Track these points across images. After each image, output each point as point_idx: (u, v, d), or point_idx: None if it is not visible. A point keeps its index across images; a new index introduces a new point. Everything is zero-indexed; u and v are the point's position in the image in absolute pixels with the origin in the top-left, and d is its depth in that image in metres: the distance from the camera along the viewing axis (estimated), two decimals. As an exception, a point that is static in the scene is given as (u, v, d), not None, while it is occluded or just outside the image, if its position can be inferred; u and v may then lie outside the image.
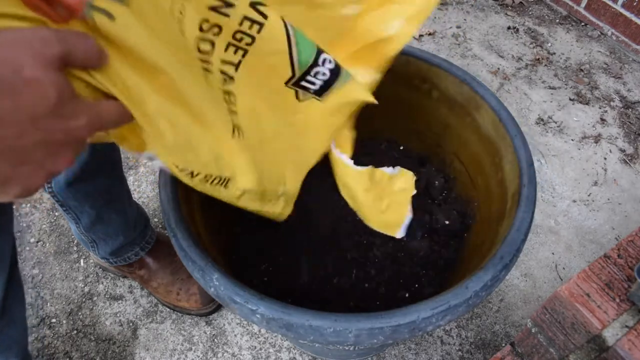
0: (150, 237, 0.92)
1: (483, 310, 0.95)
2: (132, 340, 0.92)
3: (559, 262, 1.02)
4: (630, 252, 0.52)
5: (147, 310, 0.95)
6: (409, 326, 0.44)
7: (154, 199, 1.11)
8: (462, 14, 1.59)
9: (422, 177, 0.77)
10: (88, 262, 1.02)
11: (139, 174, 1.15)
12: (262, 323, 0.45)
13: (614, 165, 1.19)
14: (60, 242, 1.05)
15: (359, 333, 0.43)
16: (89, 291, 0.98)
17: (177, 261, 0.93)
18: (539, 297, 0.97)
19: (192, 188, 0.47)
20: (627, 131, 1.26)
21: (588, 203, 1.12)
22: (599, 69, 1.41)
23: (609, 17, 1.47)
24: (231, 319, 0.94)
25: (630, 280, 0.50)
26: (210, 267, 0.48)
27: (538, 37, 1.50)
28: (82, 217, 0.80)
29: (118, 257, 0.90)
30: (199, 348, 0.90)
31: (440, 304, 0.44)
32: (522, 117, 1.28)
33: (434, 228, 0.72)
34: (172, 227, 0.51)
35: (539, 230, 1.07)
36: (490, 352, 0.90)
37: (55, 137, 0.32)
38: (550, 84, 1.37)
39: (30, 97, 0.30)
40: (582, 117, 1.29)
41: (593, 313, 0.48)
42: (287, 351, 0.90)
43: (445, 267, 0.69)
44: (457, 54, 1.45)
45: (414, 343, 0.91)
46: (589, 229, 1.07)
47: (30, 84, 0.30)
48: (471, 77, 0.64)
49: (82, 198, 0.78)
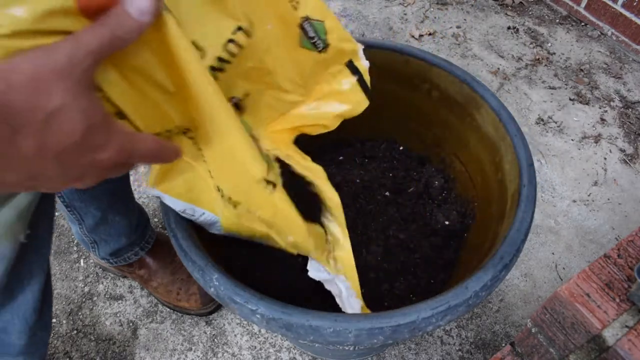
0: (150, 237, 0.92)
1: (483, 310, 0.95)
2: (132, 340, 0.92)
3: (559, 262, 1.02)
4: (630, 252, 0.52)
5: (147, 310, 0.95)
6: (409, 326, 0.44)
7: (154, 199, 1.11)
8: (462, 14, 1.59)
9: (422, 177, 0.78)
10: (88, 262, 1.02)
11: (139, 174, 1.15)
12: (262, 323, 0.45)
13: (614, 165, 1.19)
14: (60, 242, 1.05)
15: (359, 333, 0.43)
16: (89, 291, 0.98)
17: (177, 261, 0.93)
18: (539, 297, 0.97)
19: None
20: (627, 131, 1.26)
21: (588, 203, 1.12)
22: (599, 69, 1.41)
23: (609, 17, 1.47)
24: (231, 319, 0.94)
25: (630, 280, 0.50)
26: (210, 267, 0.48)
27: (538, 37, 1.50)
28: (86, 218, 0.80)
29: (118, 257, 0.90)
30: (199, 348, 0.90)
31: (440, 304, 0.44)
32: (522, 117, 1.28)
33: (434, 228, 0.72)
34: (172, 227, 0.51)
35: (539, 230, 1.07)
36: (490, 352, 0.90)
37: (76, 170, 0.30)
38: (550, 84, 1.37)
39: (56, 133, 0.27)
40: (582, 117, 1.29)
41: (593, 313, 0.48)
42: (287, 351, 0.90)
43: (445, 267, 0.69)
44: (457, 54, 1.45)
45: (414, 343, 0.91)
46: (589, 229, 1.07)
47: (56, 117, 0.27)
48: (471, 77, 0.64)
49: (89, 199, 0.77)
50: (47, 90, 0.27)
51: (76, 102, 0.28)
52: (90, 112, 0.29)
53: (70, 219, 0.81)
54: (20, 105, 0.26)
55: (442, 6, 1.61)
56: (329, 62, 0.54)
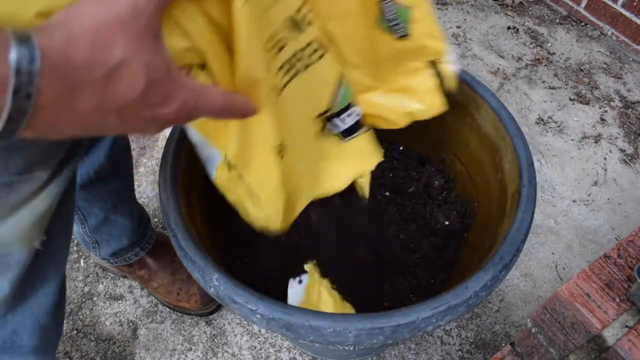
0: (150, 237, 0.92)
1: (483, 310, 0.95)
2: (132, 340, 0.92)
3: (559, 262, 1.02)
4: (630, 252, 0.52)
5: (147, 310, 0.95)
6: (409, 326, 0.44)
7: (154, 199, 1.11)
8: (462, 14, 1.59)
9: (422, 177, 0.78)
10: (88, 262, 1.02)
11: (139, 174, 1.15)
12: (262, 323, 0.45)
13: (614, 165, 1.19)
14: (60, 242, 1.05)
15: (358, 333, 0.43)
16: (89, 291, 0.98)
17: (177, 261, 0.93)
18: (539, 297, 0.97)
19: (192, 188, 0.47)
20: (627, 131, 1.26)
21: (588, 203, 1.12)
22: (599, 69, 1.41)
23: (609, 17, 1.47)
24: (231, 319, 0.94)
25: (630, 280, 0.50)
26: (210, 267, 0.48)
27: (538, 37, 1.50)
28: (89, 219, 0.80)
29: (119, 258, 0.90)
30: (199, 348, 0.90)
31: (440, 304, 0.44)
32: (522, 117, 1.28)
33: (434, 228, 0.72)
34: (172, 227, 0.51)
35: (539, 230, 1.07)
36: (490, 352, 0.90)
37: (137, 123, 0.28)
38: (550, 84, 1.37)
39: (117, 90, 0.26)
40: (582, 117, 1.29)
41: (593, 313, 0.48)
42: (287, 351, 0.90)
43: (445, 267, 0.69)
44: (457, 54, 1.45)
45: (414, 343, 0.91)
46: (589, 229, 1.07)
47: (117, 73, 0.25)
48: (471, 77, 0.64)
49: (93, 200, 0.77)
50: (109, 43, 0.25)
51: (139, 55, 0.26)
52: (153, 66, 0.27)
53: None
54: (80, 60, 0.24)
55: (442, 6, 1.61)
56: (409, 55, 0.50)
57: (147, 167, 1.17)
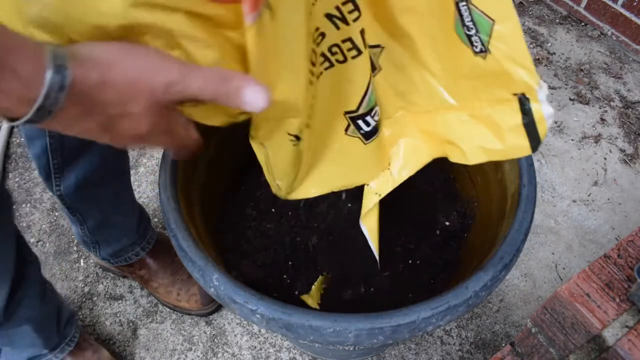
0: (150, 238, 0.92)
1: (483, 310, 0.95)
2: (132, 340, 0.92)
3: (559, 262, 1.02)
4: (630, 252, 0.52)
5: (147, 310, 0.95)
6: (409, 326, 0.44)
7: (154, 199, 1.11)
8: (462, 14, 1.59)
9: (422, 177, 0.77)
10: (88, 262, 1.02)
11: (139, 174, 1.15)
12: (262, 323, 0.45)
13: (614, 165, 1.19)
14: (60, 242, 1.05)
15: (358, 333, 0.43)
16: (89, 291, 0.98)
17: (177, 261, 0.93)
18: (539, 297, 0.97)
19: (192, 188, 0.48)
20: (627, 131, 1.26)
21: (588, 203, 1.12)
22: (599, 69, 1.41)
23: (609, 17, 1.47)
24: (231, 319, 0.94)
25: (630, 280, 0.50)
26: (210, 267, 0.48)
27: (538, 37, 1.50)
28: (89, 220, 0.80)
29: (119, 258, 0.90)
30: (199, 348, 0.90)
31: (440, 304, 0.44)
32: (522, 117, 1.28)
33: (434, 228, 0.72)
34: (172, 227, 0.51)
35: (539, 230, 1.07)
36: (490, 352, 0.90)
37: (136, 144, 0.33)
38: (550, 84, 1.36)
39: (122, 125, 0.30)
40: (582, 117, 1.29)
41: (593, 313, 0.48)
42: (287, 351, 0.90)
43: (445, 267, 0.69)
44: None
45: (414, 343, 0.91)
46: (589, 229, 1.07)
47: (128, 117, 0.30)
48: (471, 77, 0.64)
49: (91, 201, 0.77)
50: (135, 98, 0.29)
51: (151, 117, 0.30)
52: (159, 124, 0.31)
53: (71, 220, 0.81)
54: (105, 101, 0.28)
55: (442, 6, 1.61)
56: (490, 80, 0.40)
57: (147, 167, 1.17)
